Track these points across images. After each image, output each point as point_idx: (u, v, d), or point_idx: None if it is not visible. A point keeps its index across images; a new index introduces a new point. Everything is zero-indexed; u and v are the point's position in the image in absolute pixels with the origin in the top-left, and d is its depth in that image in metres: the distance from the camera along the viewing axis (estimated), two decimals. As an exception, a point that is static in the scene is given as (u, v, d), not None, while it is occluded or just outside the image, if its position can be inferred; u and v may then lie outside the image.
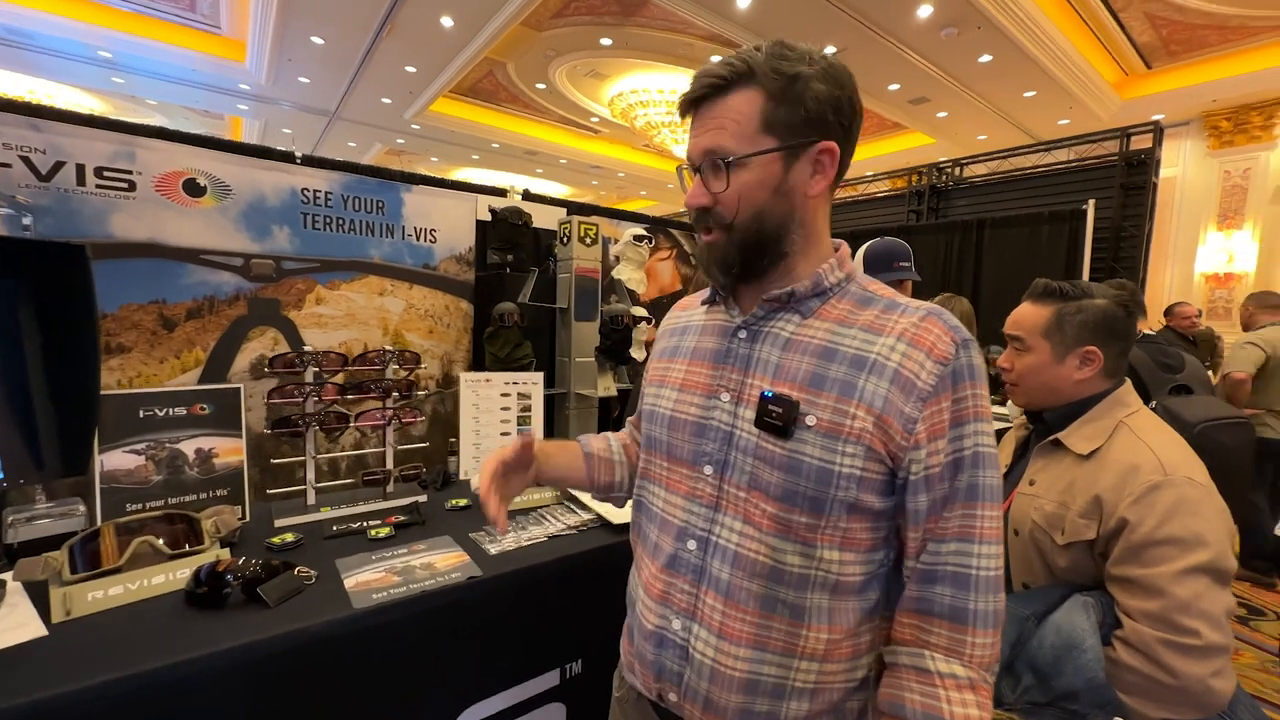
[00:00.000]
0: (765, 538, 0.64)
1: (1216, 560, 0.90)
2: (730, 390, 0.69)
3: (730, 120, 0.64)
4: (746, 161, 0.64)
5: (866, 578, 0.65)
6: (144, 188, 2.38)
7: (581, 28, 6.69)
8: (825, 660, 0.64)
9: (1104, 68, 7.14)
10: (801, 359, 0.66)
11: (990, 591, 0.62)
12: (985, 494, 0.62)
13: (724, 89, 0.64)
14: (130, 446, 1.04)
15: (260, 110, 8.99)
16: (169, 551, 0.92)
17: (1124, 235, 3.84)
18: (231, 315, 2.66)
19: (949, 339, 0.62)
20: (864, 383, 0.62)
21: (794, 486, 0.63)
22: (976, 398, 0.63)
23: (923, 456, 0.61)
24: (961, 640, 0.61)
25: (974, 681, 0.61)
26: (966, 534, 0.62)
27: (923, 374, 0.61)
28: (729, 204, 0.66)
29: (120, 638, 0.77)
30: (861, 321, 0.66)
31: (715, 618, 0.66)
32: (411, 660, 0.91)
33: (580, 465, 0.92)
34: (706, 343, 0.75)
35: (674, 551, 0.71)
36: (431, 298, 3.29)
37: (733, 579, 0.65)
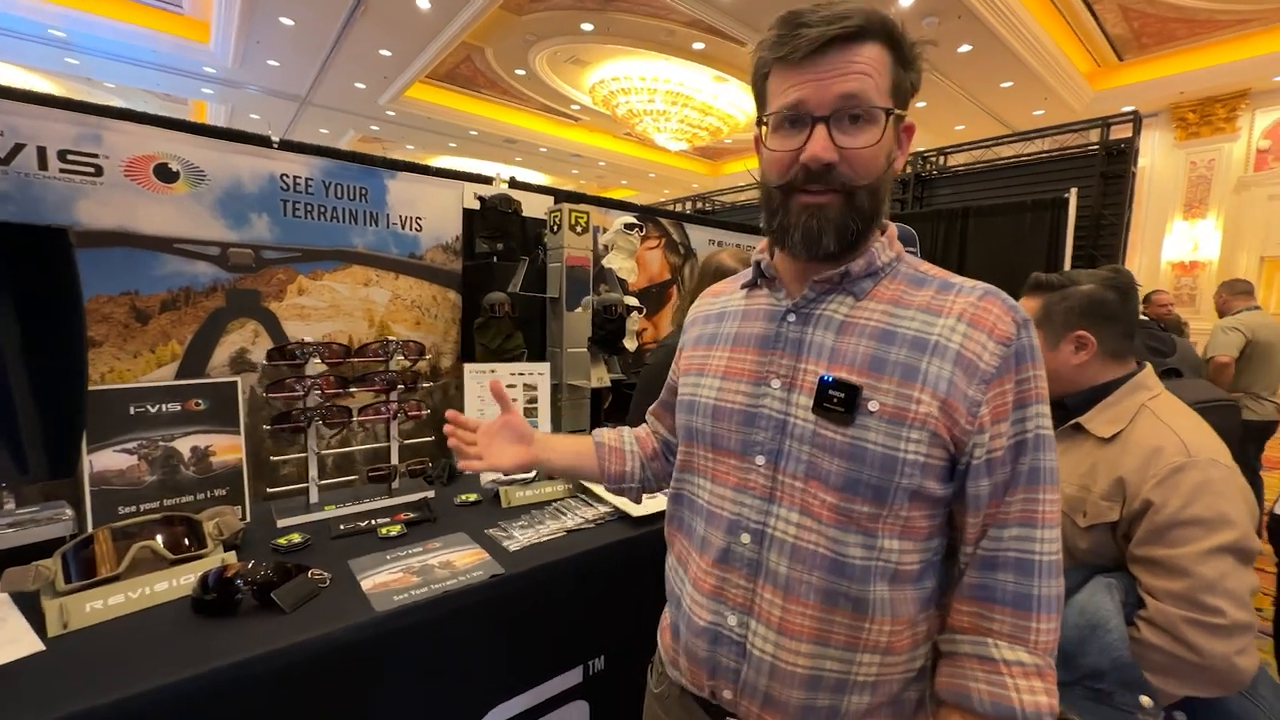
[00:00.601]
0: (825, 529, 0.62)
1: (1241, 540, 0.91)
2: (781, 376, 0.66)
3: (871, 68, 0.59)
4: (882, 117, 0.59)
5: (923, 565, 0.63)
6: (112, 172, 2.25)
7: (562, 12, 6.56)
8: (887, 652, 0.63)
9: (1078, 59, 7.27)
10: (859, 341, 0.62)
11: (1053, 576, 0.60)
12: (1046, 477, 0.61)
13: (860, 37, 0.58)
14: (121, 445, 0.97)
15: (226, 95, 8.64)
16: (171, 556, 0.86)
17: (1104, 224, 3.93)
18: (209, 307, 2.55)
19: (1010, 319, 0.60)
20: (927, 365, 0.59)
21: (856, 475, 0.60)
22: (1038, 379, 0.61)
23: (986, 440, 0.59)
24: (1026, 626, 0.60)
25: (1040, 668, 0.60)
26: (1029, 519, 0.60)
27: (985, 355, 0.59)
28: (865, 164, 0.60)
29: (126, 650, 0.72)
30: (918, 302, 0.63)
31: (775, 613, 0.64)
32: (435, 663, 0.87)
33: (590, 454, 0.89)
34: (751, 328, 0.71)
35: (726, 545, 0.68)
36: (418, 288, 3.20)
37: (791, 572, 0.63)
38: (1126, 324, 1.13)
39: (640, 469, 0.90)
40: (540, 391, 1.49)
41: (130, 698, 0.64)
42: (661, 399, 0.91)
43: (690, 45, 7.20)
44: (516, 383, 1.47)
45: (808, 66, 0.59)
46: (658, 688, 0.80)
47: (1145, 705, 0.91)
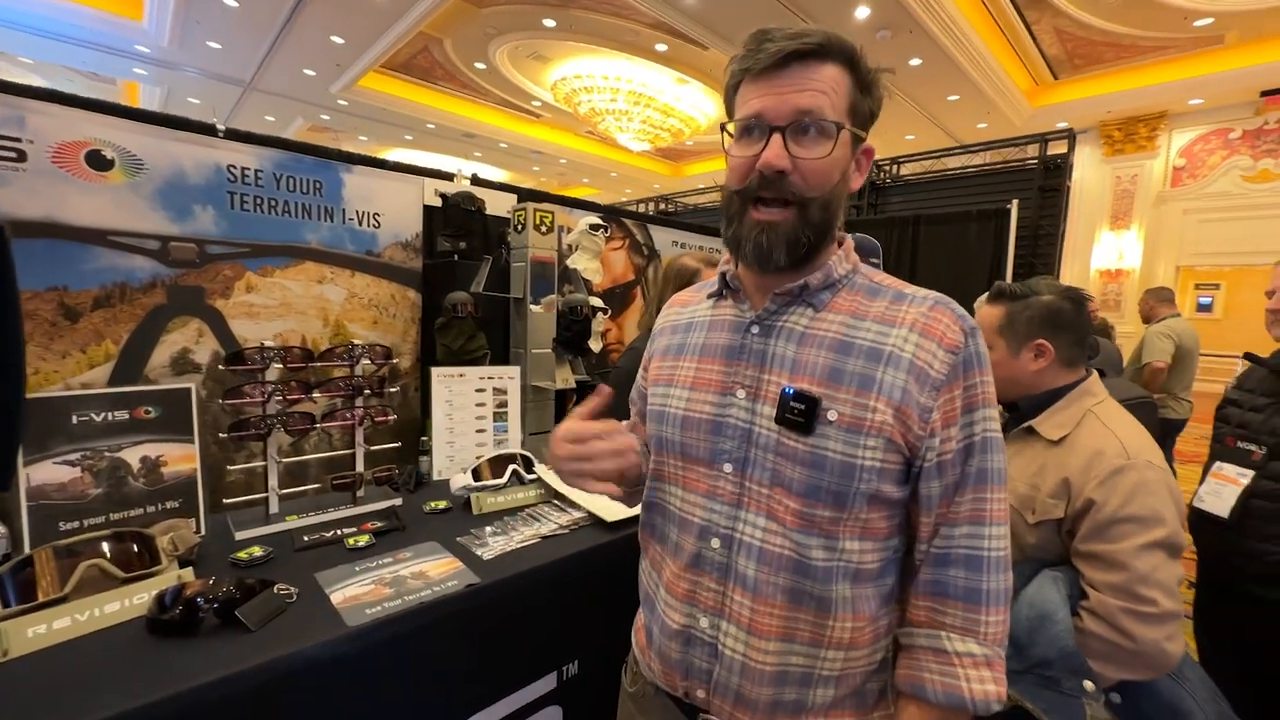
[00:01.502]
0: (789, 533, 0.64)
1: (1171, 536, 1.00)
2: (746, 387, 0.69)
3: (829, 86, 0.62)
4: (839, 134, 0.63)
5: (883, 564, 0.67)
6: (37, 158, 2.08)
7: (524, 7, 6.47)
8: (850, 647, 0.66)
9: (1018, 76, 7.70)
10: (818, 353, 0.66)
11: (1001, 571, 0.65)
12: (994, 477, 0.65)
13: (821, 56, 0.62)
14: (63, 457, 0.91)
15: (161, 76, 8.11)
16: (122, 575, 0.81)
17: (1041, 233, 4.17)
18: (148, 304, 2.39)
19: (958, 328, 0.64)
20: (882, 375, 0.63)
21: (817, 481, 0.63)
22: (984, 384, 0.65)
23: (936, 444, 0.63)
24: (976, 619, 0.64)
25: (989, 658, 0.63)
26: (978, 517, 0.64)
27: (935, 363, 0.63)
28: (816, 175, 0.63)
29: (76, 677, 0.67)
30: (873, 313, 0.67)
31: (744, 614, 0.66)
32: (409, 676, 0.85)
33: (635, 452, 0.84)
34: (717, 339, 0.73)
35: (697, 550, 0.70)
36: (375, 286, 3.10)
37: (759, 575, 0.66)
38: (1079, 333, 1.20)
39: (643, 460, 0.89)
40: (510, 396, 1.47)
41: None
42: (637, 408, 0.92)
43: (653, 46, 7.23)
44: (486, 386, 1.45)
45: (769, 79, 0.63)
46: (632, 687, 0.82)
47: (1089, 689, 0.98)
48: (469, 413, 1.43)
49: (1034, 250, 4.16)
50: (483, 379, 1.46)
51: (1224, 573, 1.41)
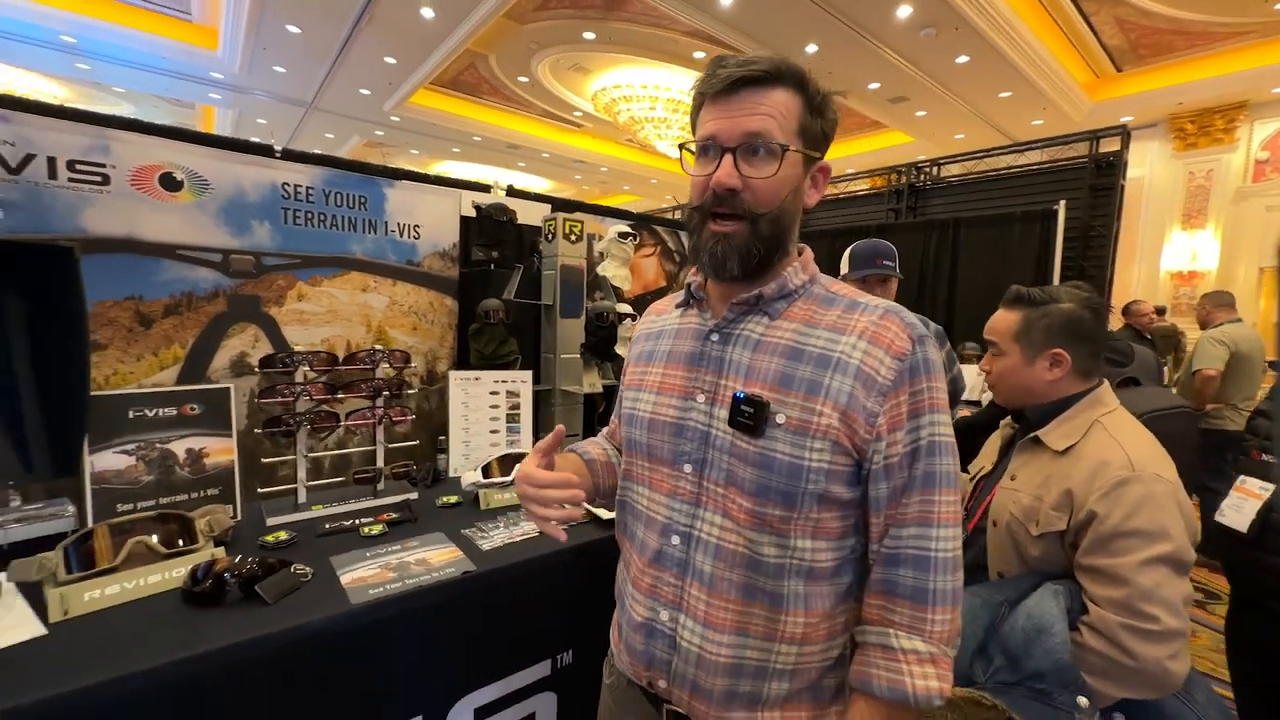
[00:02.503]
0: (743, 530, 0.68)
1: (1177, 552, 0.96)
2: (705, 392, 0.73)
3: (778, 111, 0.66)
4: (787, 154, 0.67)
5: (838, 563, 0.69)
6: (119, 182, 2.32)
7: (564, 21, 6.65)
8: (804, 643, 0.68)
9: (1076, 70, 7.33)
10: (771, 359, 0.69)
11: (948, 571, 0.66)
12: (942, 480, 0.67)
13: (769, 82, 0.66)
14: (120, 447, 1.04)
15: (234, 100, 8.77)
16: (164, 551, 0.93)
17: (1093, 235, 3.97)
18: (211, 312, 2.62)
19: (906, 336, 0.67)
20: (829, 381, 0.66)
21: (767, 481, 0.66)
22: (932, 390, 0.67)
23: (883, 447, 0.65)
24: (922, 618, 0.66)
25: (934, 655, 0.65)
26: (925, 519, 0.66)
27: (882, 370, 0.65)
28: (765, 193, 0.67)
29: (121, 636, 0.78)
30: (826, 322, 0.70)
31: (700, 607, 0.70)
32: (408, 653, 0.93)
33: (586, 477, 0.90)
34: (681, 346, 0.78)
35: (659, 547, 0.74)
36: (415, 294, 3.27)
37: (715, 570, 0.69)
38: (1097, 344, 1.17)
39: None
40: (522, 399, 1.55)
41: (124, 678, 0.70)
42: (616, 411, 0.96)
43: (691, 54, 7.29)
44: (500, 389, 1.54)
45: (722, 103, 0.68)
46: (609, 679, 0.87)
47: (1082, 705, 0.96)
48: (484, 414, 1.52)
49: (1084, 253, 3.96)
50: (497, 382, 1.54)
51: (1247, 588, 1.34)
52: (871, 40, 6.29)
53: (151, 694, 0.71)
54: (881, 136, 9.55)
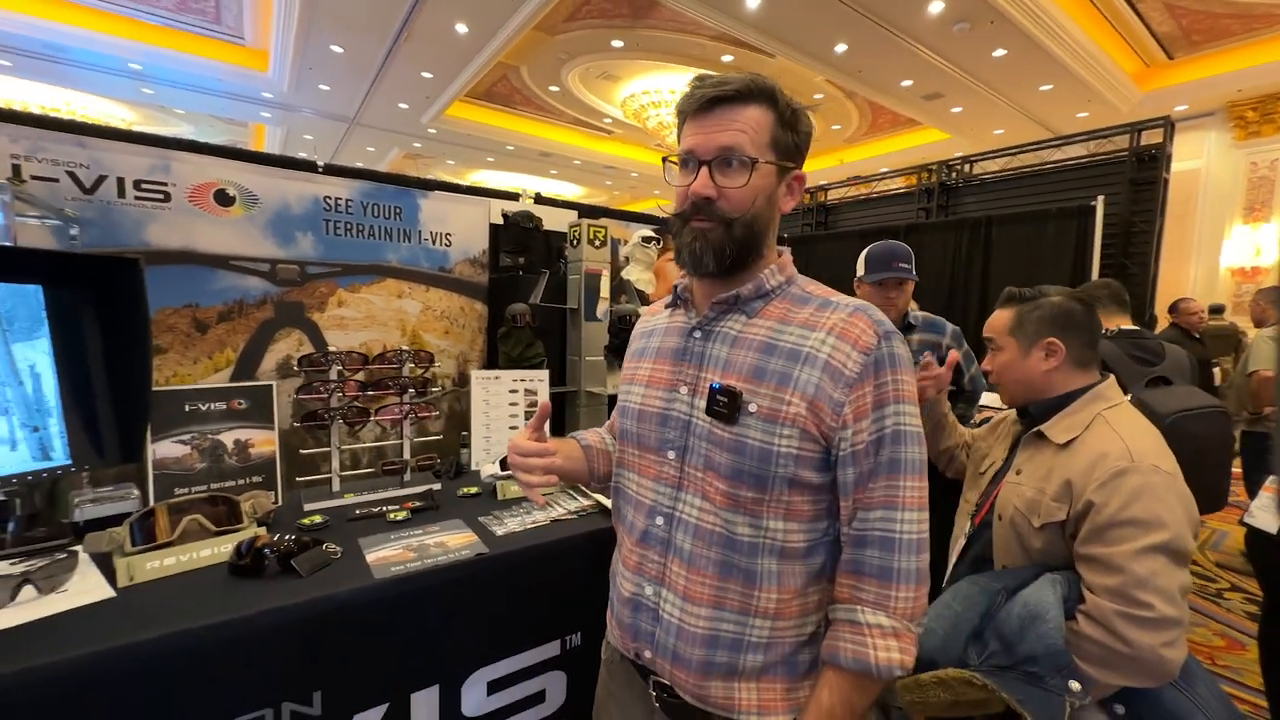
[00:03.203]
0: (719, 511, 0.74)
1: (1173, 541, 0.97)
2: (688, 384, 0.79)
3: (750, 127, 0.72)
4: (757, 165, 0.73)
5: (810, 544, 0.74)
6: (178, 199, 2.53)
7: (593, 30, 6.79)
8: (776, 618, 0.73)
9: (1123, 59, 7.03)
10: (746, 354, 0.75)
11: (913, 552, 0.70)
12: (906, 467, 0.71)
13: (742, 99, 0.72)
14: (178, 437, 1.16)
15: (283, 118, 9.26)
16: (214, 529, 1.04)
17: (1134, 231, 3.83)
18: (259, 318, 2.82)
19: (872, 332, 0.71)
20: (799, 373, 0.71)
21: (740, 465, 0.72)
22: (898, 382, 0.71)
23: (849, 435, 0.70)
24: (887, 595, 0.70)
25: (897, 630, 0.69)
26: (890, 502, 0.70)
27: (849, 363, 0.70)
28: (737, 201, 0.73)
29: (176, 600, 0.89)
30: (799, 319, 0.75)
31: (680, 582, 0.76)
32: (425, 626, 1.01)
33: (580, 459, 0.97)
34: (669, 343, 0.85)
35: (645, 527, 0.81)
36: (447, 299, 3.43)
37: (694, 548, 0.75)
38: (1091, 335, 1.19)
39: None
40: (540, 397, 1.63)
41: (179, 633, 0.81)
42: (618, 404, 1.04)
43: (719, 58, 7.32)
44: (519, 389, 1.62)
45: (700, 120, 0.74)
46: (605, 654, 0.94)
47: (1074, 689, 0.97)
48: (503, 411, 1.61)
49: (1125, 250, 3.83)
50: (515, 381, 1.63)
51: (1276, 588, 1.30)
52: (902, 37, 6.19)
53: (201, 648, 0.82)
54: (915, 134, 9.36)
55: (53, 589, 0.88)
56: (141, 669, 0.78)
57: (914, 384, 0.73)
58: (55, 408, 1.05)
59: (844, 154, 10.57)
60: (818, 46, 6.52)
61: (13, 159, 1.98)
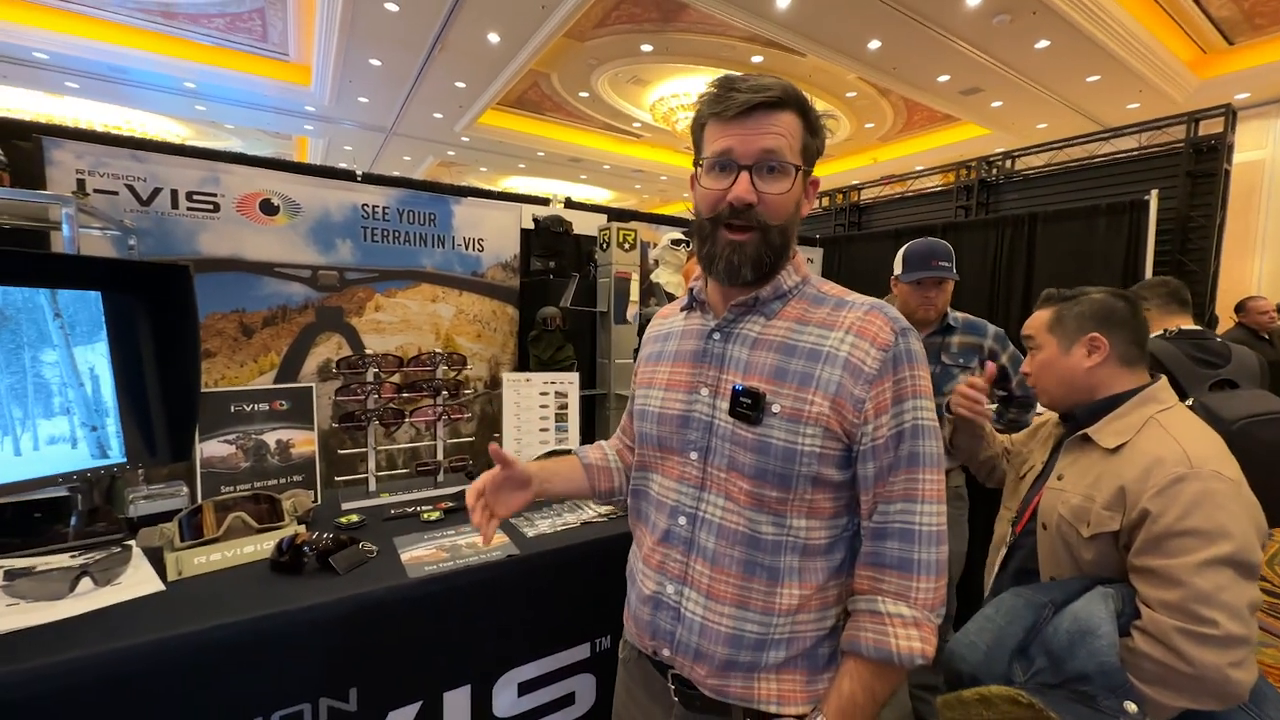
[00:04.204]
0: (743, 511, 0.74)
1: (1240, 553, 0.91)
2: (709, 385, 0.79)
3: (786, 132, 0.72)
4: (792, 171, 0.73)
5: (832, 540, 0.75)
6: (226, 209, 2.65)
7: (623, 36, 6.84)
8: (798, 613, 0.74)
9: (1178, 46, 6.69)
10: (767, 355, 0.75)
11: (932, 544, 0.71)
12: (925, 460, 0.71)
13: (779, 106, 0.72)
14: (224, 437, 1.21)
15: (324, 130, 9.61)
16: (256, 526, 1.08)
17: (1192, 227, 3.63)
18: (301, 322, 2.92)
19: (889, 329, 0.72)
20: (820, 372, 0.71)
21: (764, 465, 0.72)
22: (915, 378, 0.72)
23: (870, 430, 0.71)
24: (908, 585, 0.70)
25: (918, 620, 0.70)
26: (910, 495, 0.71)
27: (868, 360, 0.70)
28: (777, 207, 0.73)
29: (221, 593, 0.92)
30: (816, 319, 0.75)
31: (704, 581, 0.76)
32: (457, 625, 1.02)
33: (581, 477, 0.99)
34: (687, 345, 0.84)
35: (668, 527, 0.81)
36: (479, 303, 3.49)
37: (717, 547, 0.75)
38: (1136, 332, 1.12)
39: (626, 481, 1.02)
40: (570, 400, 1.64)
41: (225, 625, 0.84)
42: (628, 409, 1.02)
43: (749, 59, 7.28)
44: (549, 390, 1.63)
45: (736, 123, 0.72)
46: (623, 652, 0.95)
47: (1130, 711, 0.92)
48: (534, 413, 1.62)
49: (1182, 246, 3.63)
50: (546, 384, 1.64)
51: None
52: (939, 32, 6.03)
53: (243, 642, 0.85)
54: (952, 130, 9.10)
55: (108, 581, 0.93)
56: (187, 662, 0.81)
57: (929, 379, 0.74)
58: (112, 408, 1.11)
59: (877, 153, 10.35)
60: (850, 44, 6.41)
61: (78, 174, 2.10)
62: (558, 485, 0.97)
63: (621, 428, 1.06)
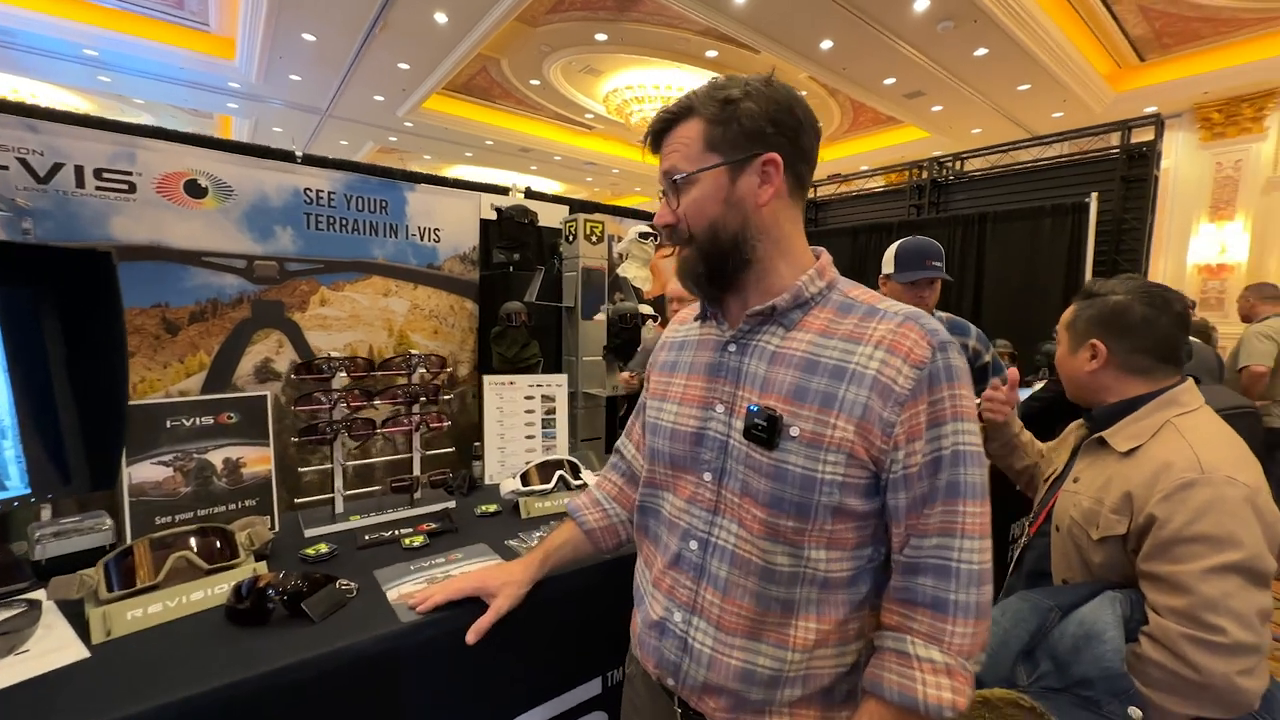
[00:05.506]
0: (756, 540, 0.68)
1: (1250, 560, 0.89)
2: (724, 402, 0.73)
3: (680, 144, 0.71)
4: (695, 177, 0.70)
5: (855, 572, 0.68)
6: (145, 189, 2.33)
7: (576, 23, 6.64)
8: (815, 649, 0.68)
9: (1097, 60, 7.18)
10: (786, 372, 0.69)
11: (973, 584, 0.64)
12: (967, 490, 0.64)
13: (674, 122, 0.72)
14: (158, 458, 1.01)
15: (250, 109, 8.85)
16: (206, 566, 0.89)
17: (1126, 228, 3.87)
18: (235, 318, 2.62)
19: (926, 343, 0.64)
20: (844, 392, 0.65)
21: (780, 493, 0.66)
22: (955, 398, 0.64)
23: (901, 457, 0.64)
24: (941, 628, 0.64)
25: (950, 667, 0.63)
26: (948, 529, 0.64)
27: (900, 379, 0.63)
28: (690, 217, 0.72)
29: (166, 658, 0.74)
30: (842, 331, 0.68)
31: (714, 611, 0.71)
32: (457, 674, 0.89)
33: (585, 545, 0.97)
34: (701, 357, 0.79)
35: (678, 550, 0.76)
36: (436, 297, 3.26)
37: (729, 577, 0.70)
38: (1146, 339, 1.10)
39: (632, 527, 0.95)
40: (558, 403, 1.51)
41: (171, 704, 0.66)
42: (638, 417, 0.97)
43: (703, 53, 7.24)
44: (535, 394, 1.49)
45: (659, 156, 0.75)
46: (629, 667, 0.89)
47: (1134, 716, 0.90)
48: (519, 419, 1.48)
49: (1117, 247, 3.86)
50: (532, 387, 1.50)
51: None
52: (888, 35, 6.20)
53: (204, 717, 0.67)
54: (896, 132, 9.44)
55: (10, 650, 0.73)
56: (127, 751, 0.63)
57: (973, 399, 0.67)
58: (10, 428, 0.89)
59: (825, 152, 10.61)
60: (804, 43, 6.48)
61: (-47, 142, 1.77)
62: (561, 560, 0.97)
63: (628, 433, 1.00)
